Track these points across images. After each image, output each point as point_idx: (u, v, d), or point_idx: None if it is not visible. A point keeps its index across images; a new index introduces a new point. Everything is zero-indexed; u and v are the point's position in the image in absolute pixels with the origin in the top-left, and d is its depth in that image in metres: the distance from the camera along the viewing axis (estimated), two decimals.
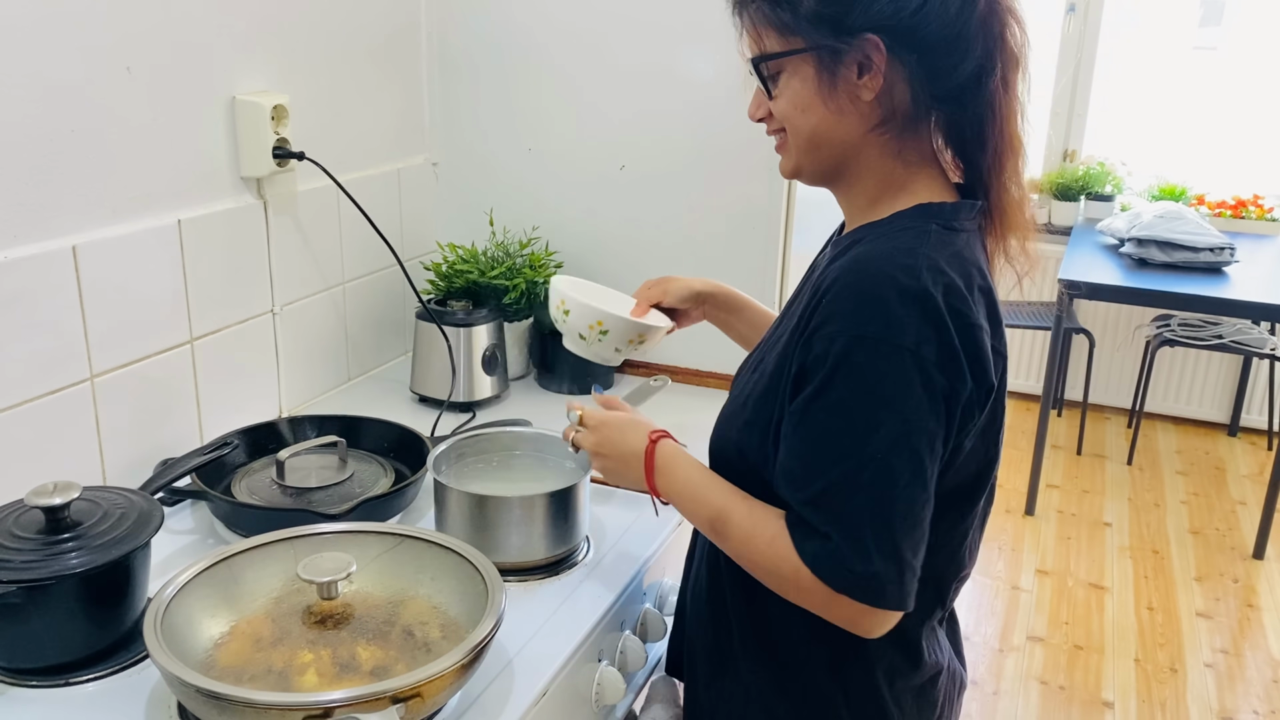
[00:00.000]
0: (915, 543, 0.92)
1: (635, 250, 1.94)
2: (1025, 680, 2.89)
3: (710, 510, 1.05)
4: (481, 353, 1.77)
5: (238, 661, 1.04)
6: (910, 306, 0.89)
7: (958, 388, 0.91)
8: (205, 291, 1.52)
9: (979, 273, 0.96)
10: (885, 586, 0.91)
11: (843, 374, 0.91)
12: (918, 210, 0.99)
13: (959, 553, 1.06)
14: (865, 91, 0.96)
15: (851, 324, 0.91)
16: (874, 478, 0.90)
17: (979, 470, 1.01)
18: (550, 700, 1.12)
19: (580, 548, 1.35)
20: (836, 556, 0.91)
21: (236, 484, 1.45)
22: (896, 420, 0.89)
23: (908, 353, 0.89)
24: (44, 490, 1.08)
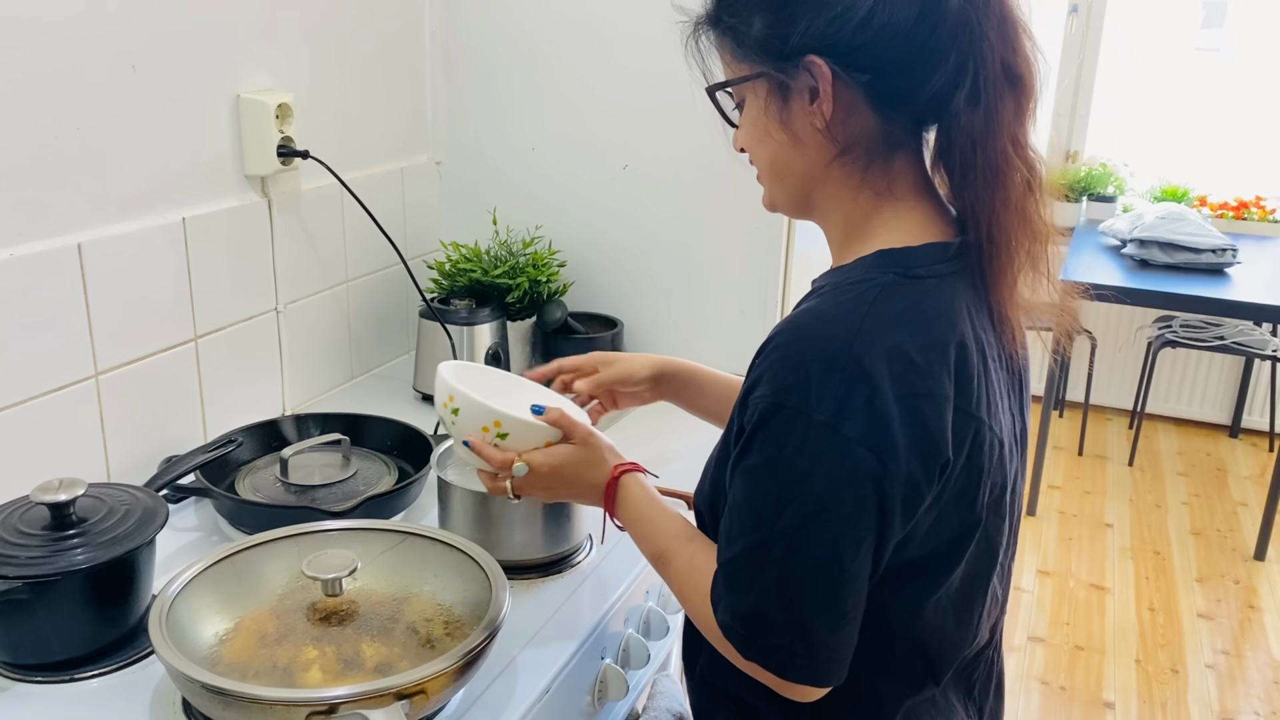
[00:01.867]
0: (831, 624, 0.85)
1: (638, 249, 1.94)
2: (1026, 681, 2.89)
3: (655, 548, 1.03)
4: (485, 351, 1.77)
5: (242, 658, 1.04)
6: (833, 375, 0.81)
7: (891, 468, 0.81)
8: (209, 289, 1.53)
9: (947, 328, 0.85)
10: (792, 660, 0.87)
11: (759, 442, 0.85)
12: (875, 258, 0.89)
13: (941, 623, 0.94)
14: (818, 118, 0.87)
15: (772, 390, 0.84)
16: (781, 555, 0.84)
17: (956, 537, 0.90)
18: (553, 698, 1.13)
19: (583, 546, 1.35)
20: (742, 628, 0.88)
21: (240, 481, 1.45)
22: (807, 499, 0.82)
23: (824, 428, 0.81)
24: (49, 486, 1.08)
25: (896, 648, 0.94)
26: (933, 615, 0.93)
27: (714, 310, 1.90)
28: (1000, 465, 0.91)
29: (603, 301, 1.98)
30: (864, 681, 0.93)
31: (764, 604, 0.86)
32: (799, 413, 0.82)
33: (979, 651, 1.02)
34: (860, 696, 0.94)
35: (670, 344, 1.95)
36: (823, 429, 0.81)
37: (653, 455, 1.59)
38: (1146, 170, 4.53)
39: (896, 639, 0.93)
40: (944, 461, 0.84)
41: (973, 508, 0.89)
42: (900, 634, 0.93)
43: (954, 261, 0.90)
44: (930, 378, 0.83)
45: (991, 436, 0.89)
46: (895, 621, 0.92)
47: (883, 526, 0.84)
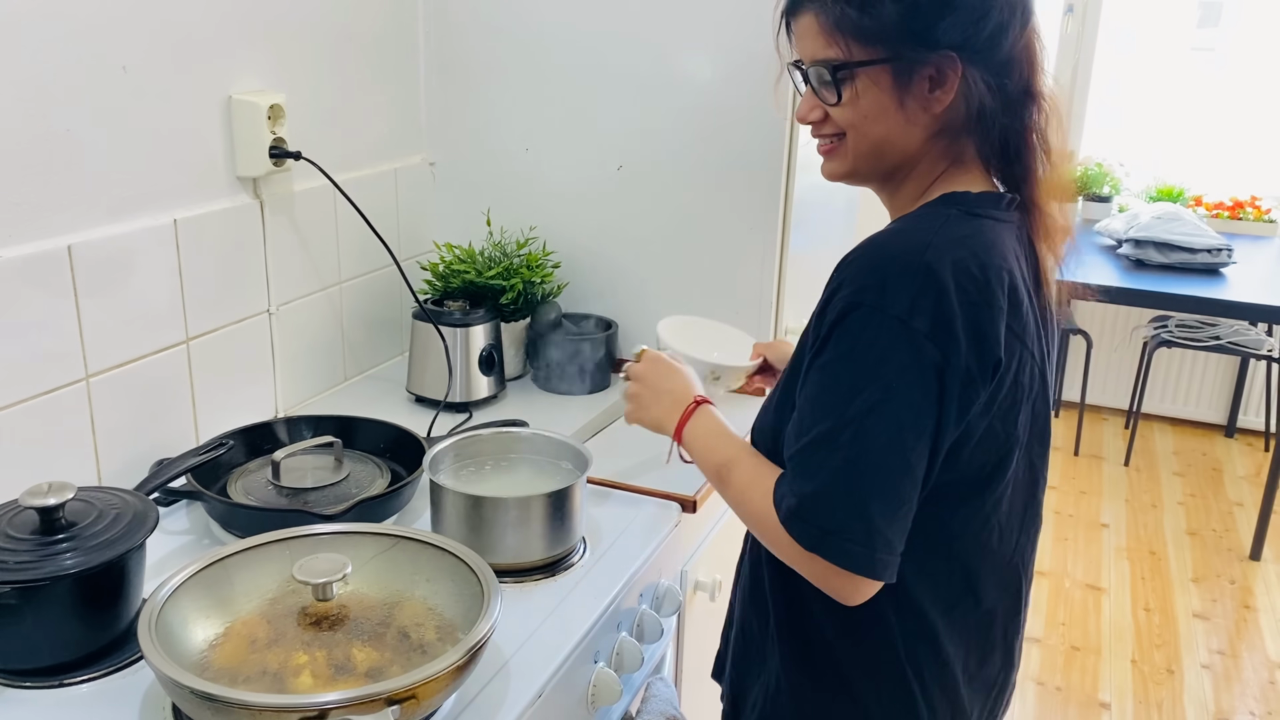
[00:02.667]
0: (889, 511, 0.94)
1: (632, 250, 1.94)
2: (1022, 681, 2.89)
3: (721, 457, 1.11)
4: (478, 353, 1.77)
5: (232, 663, 1.03)
6: (907, 278, 0.92)
7: (953, 361, 0.92)
8: (201, 291, 1.52)
9: (1000, 257, 0.97)
10: (849, 547, 0.93)
11: (835, 338, 0.95)
12: (941, 198, 1.02)
13: (987, 542, 1.05)
14: (936, 105, 1.00)
15: (851, 292, 0.95)
16: (850, 439, 0.93)
17: (999, 456, 1.01)
18: (546, 702, 1.12)
19: (577, 549, 1.35)
20: (805, 511, 0.95)
21: (232, 484, 1.44)
22: (877, 387, 0.92)
23: (897, 322, 0.92)
24: (39, 490, 1.07)
25: (943, 564, 1.03)
26: (979, 533, 1.04)
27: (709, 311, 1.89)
28: (1043, 395, 1.04)
29: (597, 303, 1.98)
30: (911, 594, 1.03)
31: (829, 486, 0.93)
32: (875, 309, 0.92)
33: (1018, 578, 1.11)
34: (908, 608, 1.04)
35: None
36: (896, 323, 0.91)
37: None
38: (1142, 170, 4.53)
39: (943, 555, 1.03)
40: (996, 360, 0.94)
41: (1016, 423, 1.00)
42: (947, 551, 1.03)
43: (1005, 212, 1.03)
44: (988, 289, 0.94)
45: (1033, 363, 1.00)
46: (943, 537, 1.02)
47: (942, 416, 0.93)
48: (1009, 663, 1.16)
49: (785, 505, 0.97)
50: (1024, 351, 0.99)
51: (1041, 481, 1.11)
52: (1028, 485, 1.08)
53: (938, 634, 1.06)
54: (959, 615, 1.07)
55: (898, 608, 1.04)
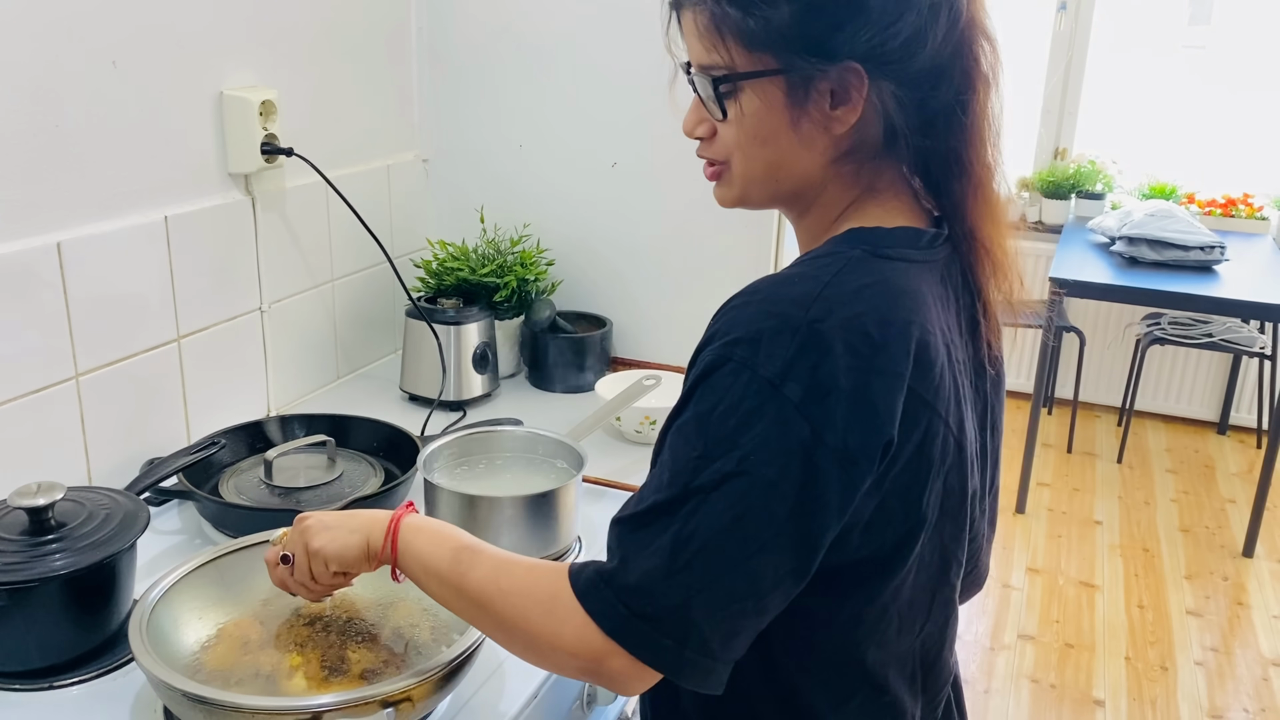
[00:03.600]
0: (714, 608, 0.77)
1: (627, 248, 1.93)
2: (1016, 679, 2.89)
3: (459, 541, 0.91)
4: (472, 351, 1.75)
5: (225, 665, 1.02)
6: (785, 336, 0.77)
7: (826, 438, 0.76)
8: (192, 289, 1.50)
9: (909, 311, 0.82)
10: (658, 639, 0.77)
11: (697, 395, 0.80)
12: (845, 235, 0.87)
13: (884, 633, 0.89)
14: (837, 125, 0.85)
15: (722, 345, 0.79)
16: (688, 513, 0.77)
17: (897, 540, 0.84)
18: (541, 703, 1.11)
19: (572, 548, 1.34)
20: (616, 585, 0.78)
21: (224, 484, 1.43)
22: (732, 458, 0.77)
23: (767, 385, 0.76)
24: (27, 491, 1.06)
25: (832, 658, 0.88)
26: (876, 625, 0.88)
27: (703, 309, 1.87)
28: (958, 469, 0.88)
29: (591, 300, 1.97)
30: (797, 692, 0.89)
31: (652, 564, 0.77)
32: (744, 366, 0.77)
33: (931, 667, 0.96)
34: (793, 707, 0.89)
35: (659, 343, 1.94)
36: (764, 385, 0.76)
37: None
38: (1135, 167, 4.54)
39: (832, 648, 0.88)
40: (887, 440, 0.79)
41: (919, 504, 0.84)
42: (837, 644, 0.88)
43: (926, 250, 0.88)
44: (884, 354, 0.79)
45: (946, 432, 0.84)
46: (832, 629, 0.87)
47: (810, 502, 0.77)
48: None
49: (589, 573, 0.80)
50: (934, 420, 0.82)
51: (954, 565, 0.92)
52: (936, 570, 0.90)
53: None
54: (853, 708, 0.91)
55: (782, 708, 0.90)
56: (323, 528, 0.97)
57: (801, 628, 0.86)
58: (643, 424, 1.62)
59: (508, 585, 0.84)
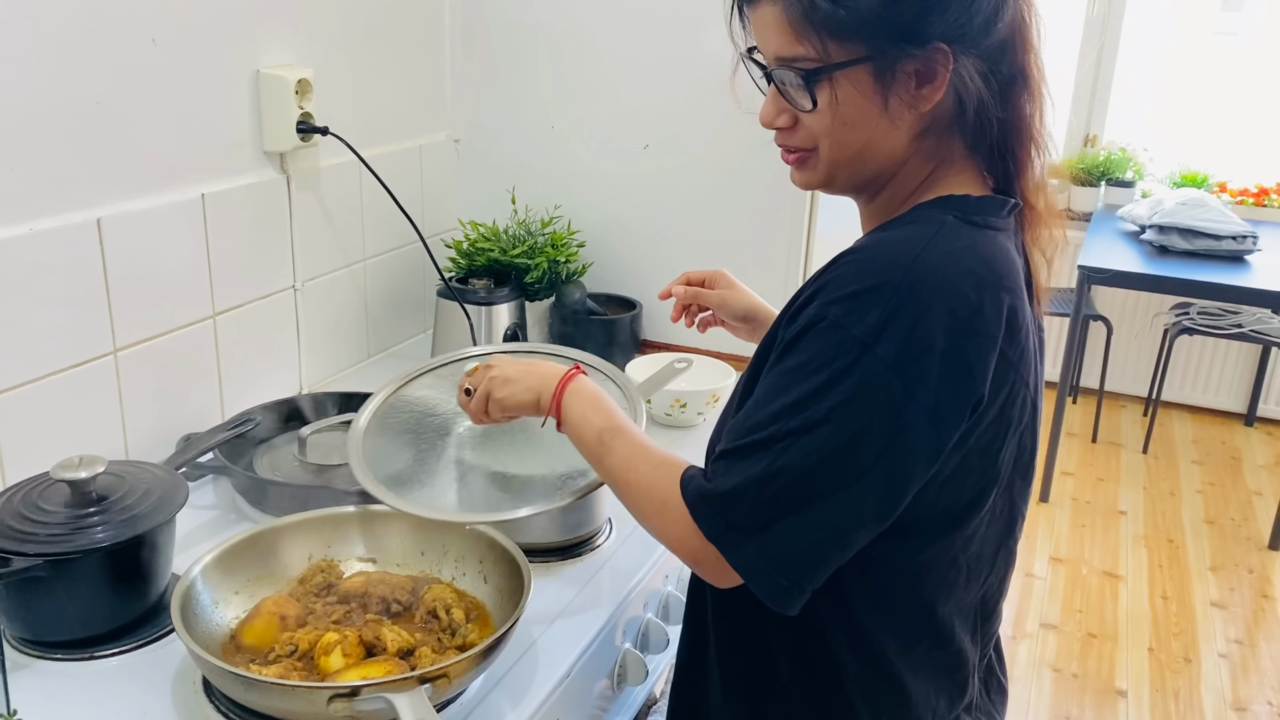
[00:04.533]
0: (797, 535, 0.83)
1: (658, 230, 1.93)
2: (1038, 667, 2.88)
3: (604, 422, 0.99)
4: (503, 331, 1.76)
5: (262, 641, 1.04)
6: (882, 295, 0.81)
7: (919, 396, 0.81)
8: (228, 266, 1.51)
9: (1000, 276, 0.86)
10: (742, 547, 0.84)
11: (795, 349, 0.85)
12: (936, 202, 0.91)
13: (954, 582, 0.94)
14: (923, 103, 0.87)
15: (820, 304, 0.84)
16: (780, 450, 0.83)
17: (974, 495, 0.90)
18: (573, 682, 1.12)
19: (603, 530, 1.34)
20: (716, 500, 0.86)
21: (259, 460, 1.44)
22: (821, 408, 0.82)
23: (858, 344, 0.81)
24: (70, 464, 1.07)
25: (903, 603, 0.93)
26: (945, 574, 0.93)
27: None
28: (1031, 428, 0.93)
29: (622, 282, 1.97)
30: (867, 632, 0.94)
31: (746, 487, 0.84)
32: (837, 326, 0.82)
33: (989, 617, 1.02)
34: (864, 647, 0.94)
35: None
36: (855, 344, 0.81)
37: None
38: (1166, 155, 4.48)
39: (903, 594, 0.93)
40: (978, 399, 0.84)
41: (996, 461, 0.89)
42: (908, 590, 0.93)
43: (1006, 219, 0.92)
44: (980, 316, 0.83)
45: (1026, 393, 0.90)
46: (904, 575, 0.92)
47: (900, 455, 0.82)
48: (991, 704, 1.07)
49: (695, 486, 0.88)
50: (1017, 381, 0.88)
51: (1020, 519, 0.99)
52: (1004, 524, 0.97)
53: (899, 674, 0.95)
54: (922, 654, 0.96)
55: (853, 646, 0.94)
56: (505, 380, 1.08)
57: (876, 572, 0.91)
58: (673, 407, 1.62)
59: (633, 479, 0.95)
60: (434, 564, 1.18)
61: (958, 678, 0.99)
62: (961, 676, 1.00)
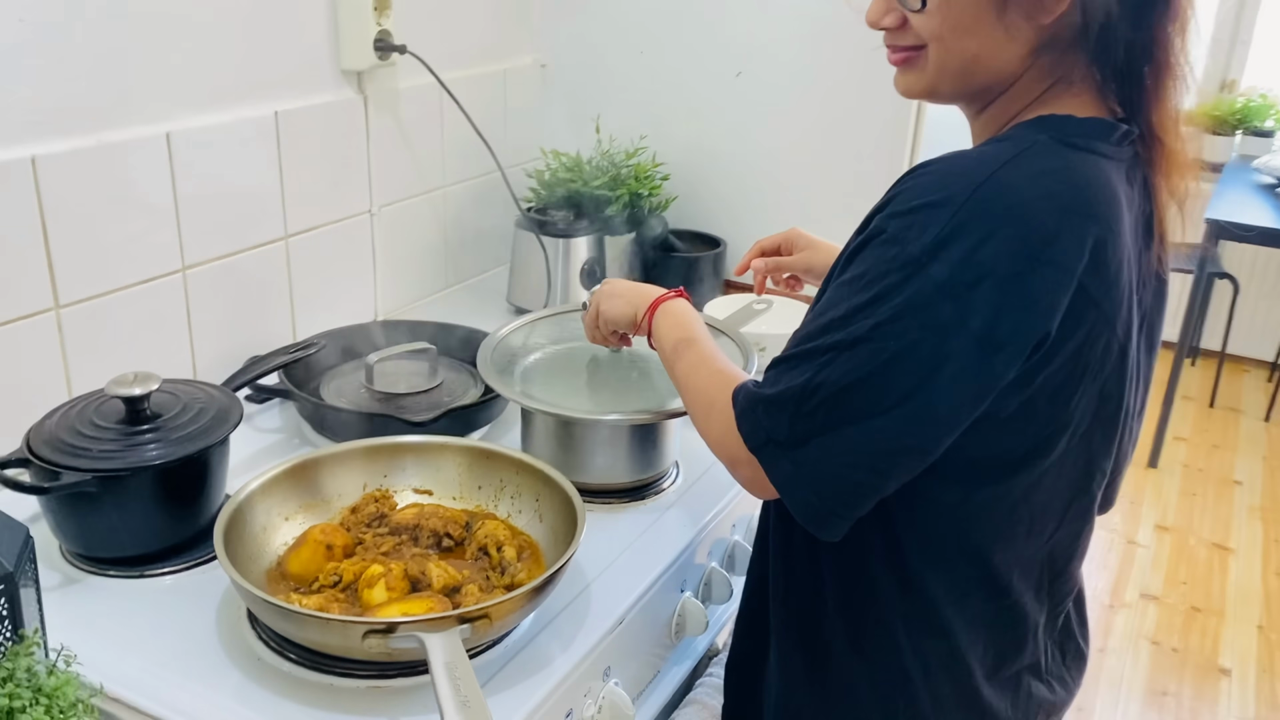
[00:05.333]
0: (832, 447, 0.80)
1: (747, 165, 1.84)
2: (1135, 639, 2.75)
3: (684, 334, 1.05)
4: (580, 266, 1.70)
5: (308, 570, 1.01)
6: (943, 212, 0.75)
7: (970, 324, 0.75)
8: (301, 187, 1.48)
9: (1091, 204, 0.78)
10: (774, 454, 0.83)
11: (855, 261, 0.81)
12: (1036, 121, 0.83)
13: (1011, 532, 0.88)
14: (1045, 15, 0.80)
15: (884, 216, 0.80)
16: (824, 362, 0.80)
17: (1038, 440, 0.83)
18: (627, 629, 1.07)
19: (669, 473, 1.28)
20: (758, 410, 0.84)
21: (325, 385, 1.42)
22: (866, 325, 0.77)
23: (912, 263, 0.76)
24: (124, 380, 1.06)
25: (954, 549, 0.88)
26: (1003, 522, 0.87)
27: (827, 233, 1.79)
28: (1118, 376, 0.85)
29: (706, 219, 1.89)
30: (916, 576, 0.89)
31: (785, 396, 0.82)
32: (894, 241, 0.78)
33: (1059, 575, 0.94)
34: (913, 591, 0.89)
35: None
36: (909, 262, 0.76)
37: None
38: None
39: (955, 539, 0.87)
40: (1042, 335, 0.77)
41: (1067, 406, 0.82)
42: (960, 534, 0.87)
43: (1115, 146, 0.83)
44: (1056, 245, 0.76)
45: (1111, 337, 0.82)
46: (956, 518, 0.86)
47: (943, 385, 0.77)
48: (1065, 669, 0.99)
49: (745, 392, 0.87)
50: (1100, 323, 0.80)
51: (1098, 475, 0.90)
52: (1078, 476, 0.88)
53: (947, 622, 0.90)
54: (974, 606, 0.90)
55: (902, 589, 0.89)
56: (611, 294, 1.17)
57: (926, 514, 0.86)
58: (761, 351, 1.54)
59: (692, 383, 0.99)
60: (490, 499, 1.14)
61: (1014, 634, 0.93)
62: (1019, 633, 0.93)
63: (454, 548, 1.07)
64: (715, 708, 1.18)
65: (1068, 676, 1.00)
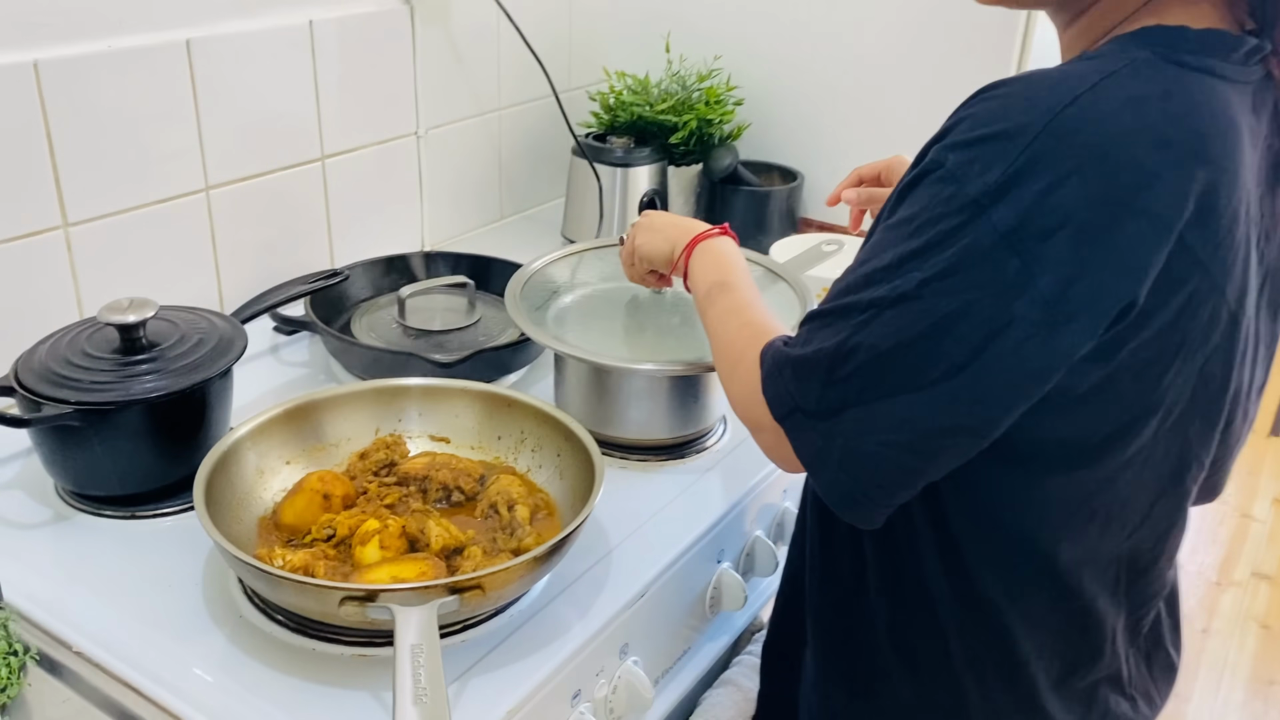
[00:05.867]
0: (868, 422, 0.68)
1: (828, 92, 1.67)
2: (1243, 621, 2.54)
3: (720, 277, 0.95)
4: (640, 198, 1.57)
5: (302, 520, 0.92)
6: (1011, 147, 0.62)
7: (1039, 283, 0.62)
8: (339, 104, 1.38)
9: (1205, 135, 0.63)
10: (801, 424, 0.71)
11: (906, 200, 0.68)
12: (1135, 34, 0.68)
13: (1084, 528, 0.75)
14: None
15: (942, 147, 0.66)
16: (861, 321, 0.68)
17: (1121, 423, 0.70)
18: (651, 601, 0.96)
19: (715, 430, 1.16)
20: (785, 373, 0.73)
21: (357, 320, 1.33)
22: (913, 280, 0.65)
23: (969, 204, 0.63)
24: (118, 306, 0.97)
25: (1014, 542, 0.75)
26: (1073, 516, 0.74)
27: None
28: (1224, 352, 0.71)
29: (783, 149, 1.73)
30: (970, 571, 0.77)
31: (817, 359, 0.70)
32: (951, 177, 0.64)
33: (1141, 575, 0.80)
34: (966, 587, 0.77)
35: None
36: (968, 204, 0.63)
37: None
38: None
39: (1015, 531, 0.75)
40: (1129, 302, 0.63)
41: (1157, 386, 0.68)
42: (1021, 527, 0.74)
43: (1241, 67, 0.67)
44: (1153, 190, 0.61)
45: (1220, 305, 0.68)
46: (1017, 508, 0.74)
47: (1001, 357, 0.63)
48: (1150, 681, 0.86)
49: (774, 350, 0.75)
50: (1205, 286, 0.66)
51: (1194, 466, 0.76)
52: (1170, 468, 0.75)
53: (1006, 626, 0.78)
54: (1038, 607, 0.78)
55: (954, 585, 0.77)
56: (648, 228, 1.08)
57: (983, 503, 0.74)
58: (818, 297, 1.39)
59: (721, 333, 0.88)
60: (509, 451, 1.04)
61: (1086, 640, 0.80)
62: (1092, 640, 0.80)
63: (464, 503, 0.97)
64: (751, 691, 1.07)
65: (1154, 691, 0.86)
